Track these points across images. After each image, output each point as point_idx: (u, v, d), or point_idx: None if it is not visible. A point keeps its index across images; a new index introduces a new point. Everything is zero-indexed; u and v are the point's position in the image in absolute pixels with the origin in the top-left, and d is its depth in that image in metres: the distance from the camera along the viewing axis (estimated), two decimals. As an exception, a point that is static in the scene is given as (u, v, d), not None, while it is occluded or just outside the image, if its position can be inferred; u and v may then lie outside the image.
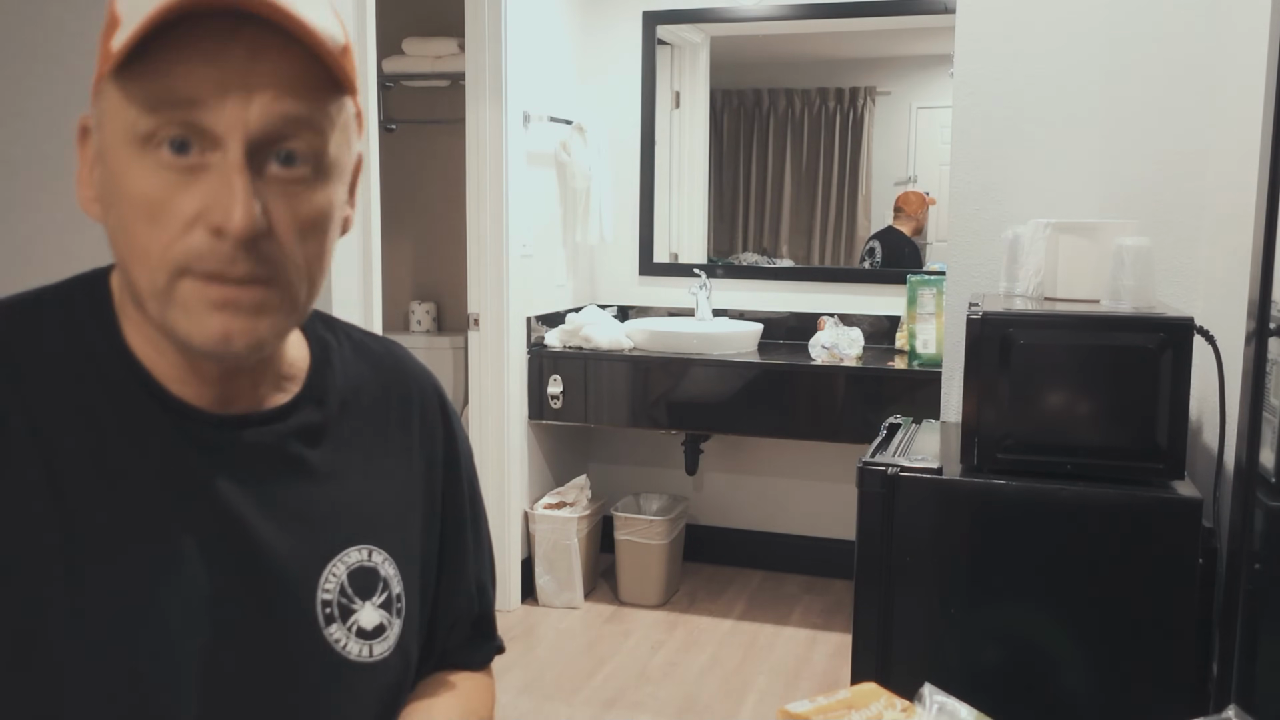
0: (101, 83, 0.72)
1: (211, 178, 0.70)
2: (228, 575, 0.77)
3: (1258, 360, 1.55)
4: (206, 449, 0.78)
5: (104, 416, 0.75)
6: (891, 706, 0.81)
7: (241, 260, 0.71)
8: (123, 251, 0.73)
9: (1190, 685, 1.75)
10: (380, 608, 0.85)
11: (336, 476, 0.85)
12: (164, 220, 0.70)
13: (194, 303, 0.71)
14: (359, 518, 0.86)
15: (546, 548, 3.65)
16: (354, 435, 0.88)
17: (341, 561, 0.83)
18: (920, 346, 3.40)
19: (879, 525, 1.86)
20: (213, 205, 0.69)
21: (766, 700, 3.02)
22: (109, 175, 0.72)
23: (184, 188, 0.70)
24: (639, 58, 3.98)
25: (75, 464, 0.73)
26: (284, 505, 0.81)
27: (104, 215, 0.75)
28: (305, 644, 0.80)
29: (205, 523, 0.77)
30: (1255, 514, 1.58)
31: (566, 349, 3.67)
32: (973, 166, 2.39)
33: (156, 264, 0.71)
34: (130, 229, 0.71)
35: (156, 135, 0.70)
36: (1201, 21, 2.21)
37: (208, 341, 0.72)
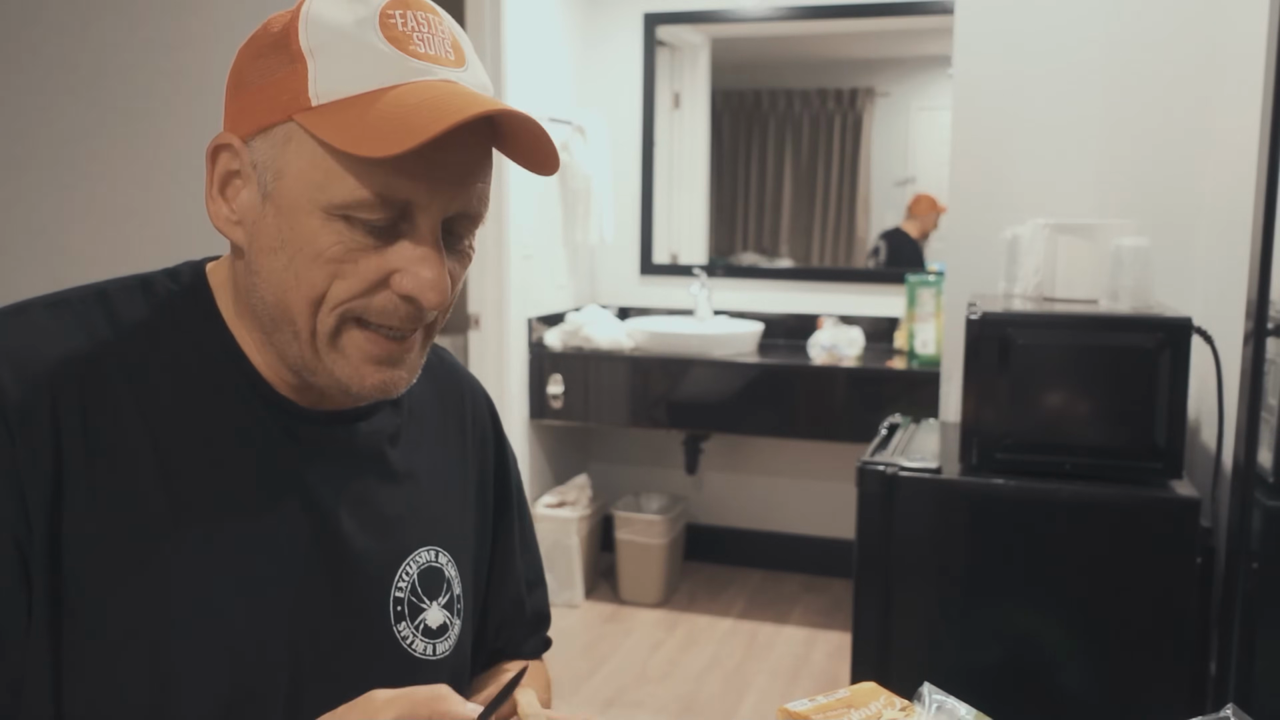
0: (285, 128, 0.72)
1: (405, 249, 0.73)
2: (314, 565, 0.79)
3: (1255, 360, 1.55)
4: (305, 443, 0.81)
5: (208, 405, 0.77)
6: (891, 705, 0.81)
7: (420, 319, 0.76)
8: (286, 289, 0.74)
9: (1188, 684, 1.75)
10: (444, 608, 0.88)
11: (410, 478, 0.88)
12: (349, 276, 0.73)
13: (357, 354, 0.75)
14: (428, 519, 0.89)
15: (547, 547, 3.66)
16: (421, 438, 0.91)
17: (414, 561, 0.86)
18: (919, 346, 3.41)
19: (878, 525, 1.86)
20: (408, 277, 0.73)
21: (766, 699, 3.03)
22: (282, 221, 0.73)
23: (373, 250, 0.73)
24: (639, 59, 3.98)
25: (182, 452, 0.75)
26: (367, 502, 0.84)
27: (250, 242, 0.75)
28: (377, 639, 0.83)
29: (296, 513, 0.79)
30: (1253, 513, 1.59)
31: (567, 349, 3.67)
32: (972, 167, 2.39)
33: (330, 310, 0.74)
34: (304, 275, 0.73)
35: (358, 214, 0.71)
36: (1200, 22, 2.21)
37: (366, 389, 0.77)
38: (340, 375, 0.76)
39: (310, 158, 0.71)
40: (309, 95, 0.71)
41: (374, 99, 0.70)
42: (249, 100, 0.74)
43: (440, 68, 0.73)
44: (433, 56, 0.73)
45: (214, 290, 0.81)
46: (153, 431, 0.75)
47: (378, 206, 0.71)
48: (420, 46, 0.72)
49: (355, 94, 0.70)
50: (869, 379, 3.48)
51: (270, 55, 0.73)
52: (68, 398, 0.72)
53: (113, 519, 0.72)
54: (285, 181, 0.72)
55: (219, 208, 0.76)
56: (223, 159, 0.76)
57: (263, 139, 0.73)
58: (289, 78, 0.71)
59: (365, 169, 0.70)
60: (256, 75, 0.74)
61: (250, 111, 0.74)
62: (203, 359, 0.78)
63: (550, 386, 3.65)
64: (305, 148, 0.71)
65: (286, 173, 0.72)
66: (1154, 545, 1.75)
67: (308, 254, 0.72)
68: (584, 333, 3.65)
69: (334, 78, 0.71)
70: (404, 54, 0.71)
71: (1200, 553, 1.73)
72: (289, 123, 0.72)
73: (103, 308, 0.78)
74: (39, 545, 0.70)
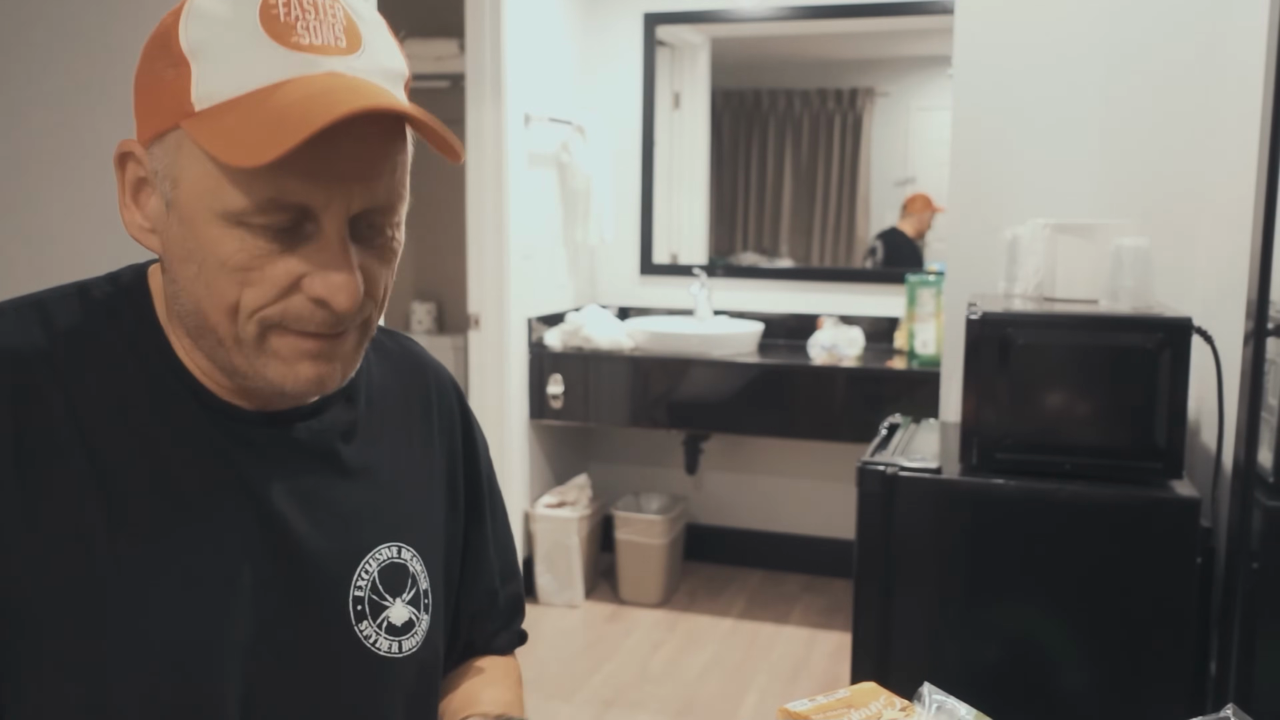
0: (175, 134, 0.70)
1: (311, 250, 0.70)
2: (267, 569, 0.78)
3: (1256, 360, 1.55)
4: (246, 445, 0.79)
5: (146, 411, 0.76)
6: (891, 705, 0.81)
7: (341, 321, 0.73)
8: (200, 298, 0.72)
9: (1188, 684, 1.75)
10: (409, 604, 0.86)
11: (368, 473, 0.86)
12: (258, 283, 0.70)
13: (289, 354, 0.73)
14: (389, 515, 0.87)
15: (547, 547, 3.66)
16: (380, 432, 0.89)
17: (373, 559, 0.84)
18: (919, 346, 3.41)
19: (878, 525, 1.86)
20: (315, 278, 0.70)
21: (766, 700, 3.03)
22: (185, 230, 0.71)
23: (279, 255, 0.70)
24: (639, 59, 3.98)
25: (118, 455, 0.74)
26: (320, 502, 0.82)
27: (164, 251, 0.74)
28: (337, 640, 0.81)
29: (245, 517, 0.78)
30: (1253, 513, 1.59)
31: (567, 349, 3.67)
32: (972, 167, 2.39)
33: (247, 318, 0.71)
34: (213, 285, 0.70)
35: (255, 220, 0.69)
36: (1200, 22, 2.21)
37: (300, 386, 0.74)
38: (272, 377, 0.73)
39: (200, 165, 0.68)
40: (191, 100, 0.68)
41: (255, 100, 0.67)
42: (143, 104, 0.72)
43: (326, 58, 0.69)
44: (319, 47, 0.69)
45: (154, 294, 0.79)
46: (86, 437, 0.73)
47: (273, 211, 0.68)
48: (304, 36, 0.68)
49: (236, 95, 0.67)
50: (869, 379, 3.48)
51: (158, 56, 0.70)
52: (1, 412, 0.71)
53: (44, 527, 0.71)
54: (181, 190, 0.70)
55: (133, 215, 0.74)
56: (130, 167, 0.74)
57: (159, 146, 0.71)
58: (173, 81, 0.69)
59: (252, 175, 0.67)
60: (147, 78, 0.71)
61: (146, 116, 0.72)
62: (137, 363, 0.77)
63: (550, 386, 3.65)
64: (194, 155, 0.69)
65: (182, 181, 0.70)
66: (1154, 545, 1.75)
67: (213, 263, 0.70)
68: (584, 333, 3.65)
69: (214, 79, 0.67)
70: (285, 47, 0.67)
71: (1200, 553, 1.73)
72: (178, 129, 0.69)
73: (38, 315, 0.76)
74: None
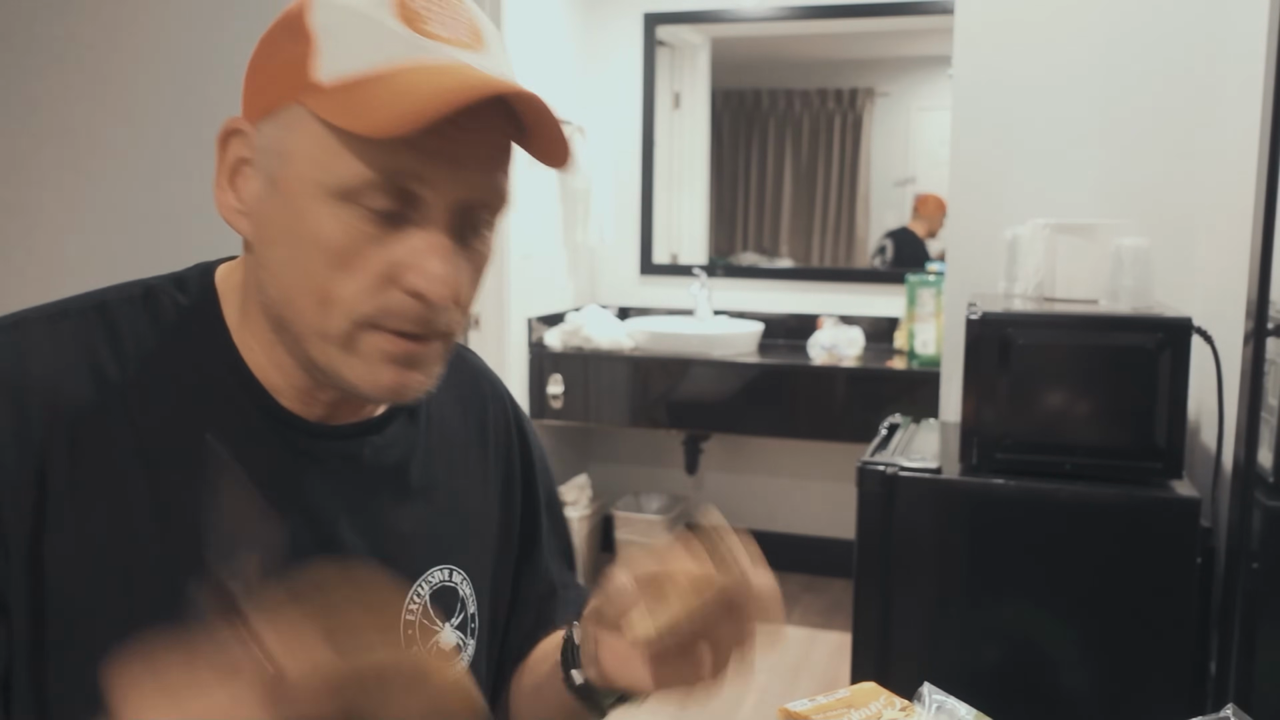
0: (291, 110, 0.69)
1: (413, 240, 0.69)
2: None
3: (1255, 360, 1.55)
4: (311, 460, 0.77)
5: (207, 420, 0.73)
6: (891, 705, 0.81)
7: (433, 321, 0.71)
8: (290, 285, 0.70)
9: (1188, 684, 1.75)
10: (457, 628, 0.84)
11: (425, 494, 0.84)
12: (355, 271, 0.68)
13: (375, 355, 0.70)
14: (443, 536, 0.85)
15: (547, 547, 3.65)
16: (438, 450, 0.87)
17: (425, 582, 0.82)
18: (919, 346, 3.41)
19: (879, 525, 1.86)
20: (415, 269, 0.68)
21: (766, 700, 3.03)
22: (287, 210, 0.69)
23: (379, 241, 0.68)
24: (639, 59, 3.98)
25: (178, 472, 0.72)
26: (378, 522, 0.80)
27: (257, 234, 0.72)
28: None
29: (303, 539, 0.75)
30: (1253, 513, 1.59)
31: (567, 349, 3.67)
32: (972, 167, 2.39)
33: (341, 310, 0.69)
34: (309, 269, 0.69)
35: (364, 199, 0.68)
36: (1200, 22, 2.21)
37: (379, 391, 0.72)
38: (351, 378, 0.71)
39: (315, 139, 0.68)
40: (315, 75, 0.67)
41: (381, 78, 0.66)
42: (258, 82, 0.71)
43: (455, 49, 0.69)
44: (448, 39, 0.69)
45: (222, 297, 0.77)
46: (146, 457, 0.71)
47: (385, 189, 0.67)
48: (435, 27, 0.69)
49: (363, 73, 0.67)
50: (869, 379, 3.48)
51: (281, 35, 0.70)
52: (59, 424, 0.69)
53: (101, 548, 0.69)
54: (290, 166, 0.69)
55: (226, 197, 0.73)
56: (234, 145, 0.72)
57: (269, 122, 0.70)
58: (296, 57, 0.68)
59: (373, 148, 0.66)
60: (265, 56, 0.72)
61: (259, 94, 0.71)
62: (204, 378, 0.75)
63: (550, 386, 3.65)
64: (310, 129, 0.68)
65: (292, 156, 0.69)
66: (1154, 545, 1.74)
67: (311, 243, 0.68)
68: (584, 333, 3.65)
69: (341, 57, 0.67)
70: (416, 33, 0.68)
71: (1200, 553, 1.73)
72: (295, 105, 0.68)
73: (102, 322, 0.74)
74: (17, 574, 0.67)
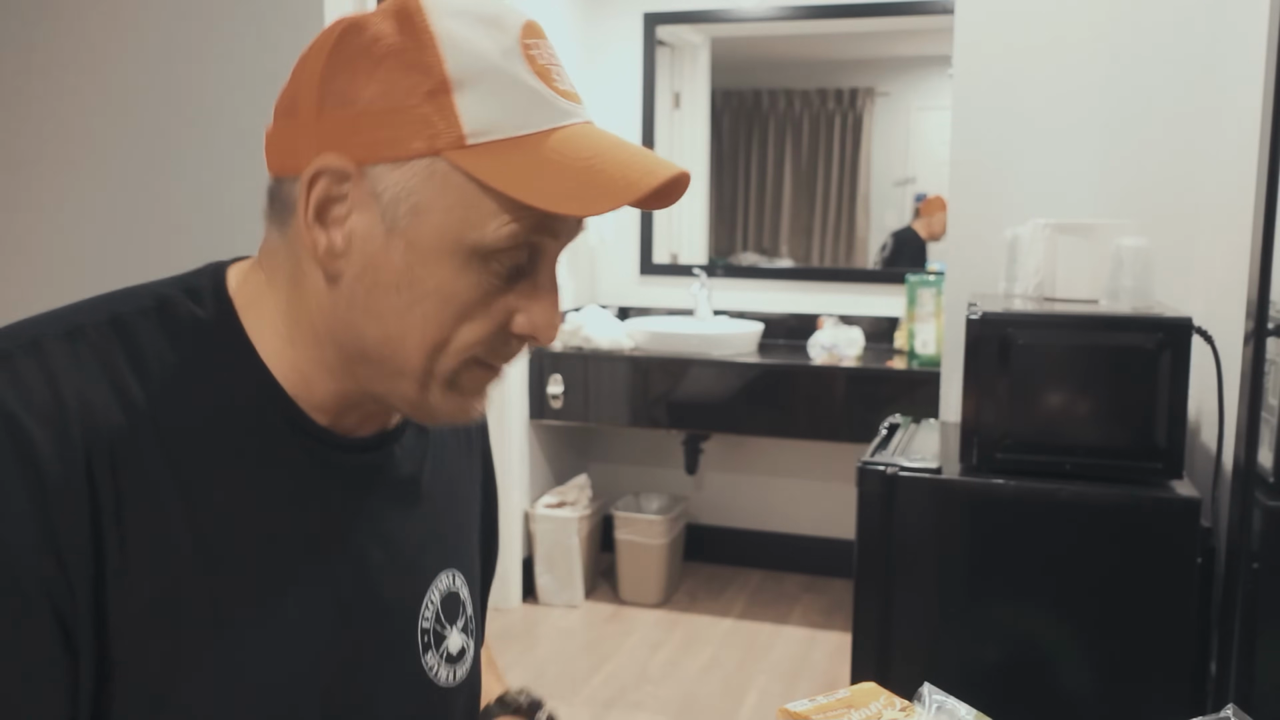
0: (428, 163, 0.67)
1: (527, 289, 0.72)
2: (348, 605, 0.76)
3: (1256, 360, 1.55)
4: (336, 474, 0.77)
5: (242, 453, 0.73)
6: (891, 706, 0.81)
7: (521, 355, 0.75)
8: (403, 330, 0.70)
9: (1188, 684, 1.75)
10: (462, 631, 0.86)
11: (432, 499, 0.85)
12: (478, 319, 0.71)
13: (473, 388, 0.74)
14: (446, 541, 0.87)
15: (547, 547, 3.66)
16: (439, 458, 0.88)
17: (436, 588, 0.84)
18: (919, 346, 3.41)
19: (879, 525, 1.86)
20: (532, 316, 0.72)
21: (766, 700, 3.03)
22: (415, 260, 0.69)
23: (500, 293, 0.71)
24: (639, 58, 3.98)
25: (215, 502, 0.71)
26: (397, 532, 0.81)
27: (359, 278, 0.70)
28: (408, 675, 0.80)
29: (330, 553, 0.76)
30: (1253, 513, 1.59)
31: (567, 349, 3.67)
32: (972, 166, 2.39)
33: (456, 353, 0.71)
34: (432, 318, 0.70)
35: (501, 257, 0.69)
36: (1200, 22, 2.21)
37: (458, 417, 0.75)
38: (443, 409, 0.74)
39: (458, 194, 0.67)
40: (463, 132, 0.66)
41: (535, 143, 0.67)
42: (368, 122, 0.67)
43: (578, 106, 0.70)
44: (571, 94, 0.70)
45: (240, 311, 0.75)
46: (184, 484, 0.70)
47: (523, 249, 0.69)
48: (560, 82, 0.70)
49: (514, 135, 0.67)
50: (869, 379, 3.48)
51: (398, 75, 0.67)
52: (100, 455, 0.67)
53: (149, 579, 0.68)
54: (423, 218, 0.67)
55: (318, 237, 0.70)
56: (322, 184, 0.69)
57: (393, 169, 0.67)
58: (435, 108, 0.66)
59: (524, 212, 0.67)
60: (378, 95, 0.67)
61: (371, 135, 0.67)
62: (231, 395, 0.73)
63: (550, 386, 3.65)
64: (454, 184, 0.67)
65: (427, 210, 0.67)
66: (1154, 545, 1.74)
67: (440, 297, 0.69)
68: (584, 333, 3.65)
69: (487, 114, 0.66)
70: (550, 89, 0.68)
71: (1200, 553, 1.73)
72: (435, 157, 0.66)
73: (120, 341, 0.71)
74: (84, 617, 0.66)
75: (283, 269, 0.74)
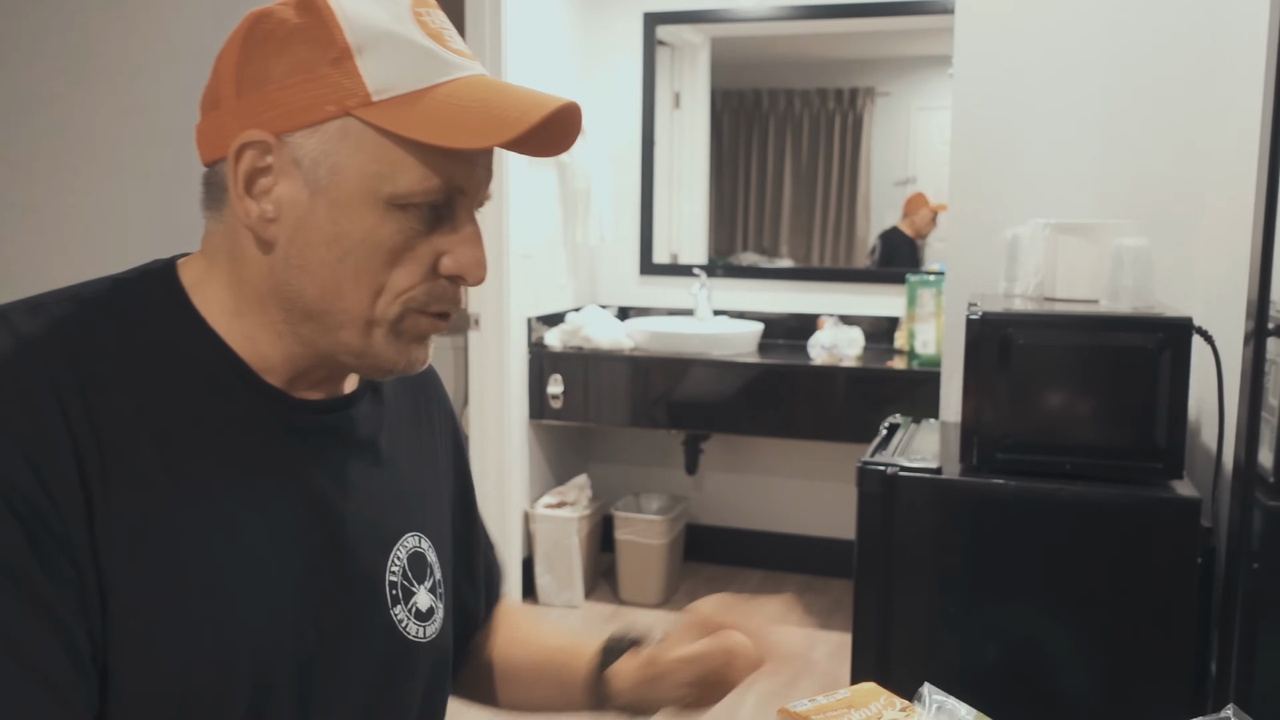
0: (340, 124, 0.73)
1: (447, 232, 0.77)
2: (315, 552, 0.81)
3: (1256, 360, 1.55)
4: (296, 431, 0.82)
5: (201, 400, 0.78)
6: (891, 706, 0.81)
7: (459, 300, 0.80)
8: (338, 282, 0.76)
9: (1188, 684, 1.75)
10: (430, 591, 0.90)
11: (394, 463, 0.90)
12: (408, 264, 0.76)
13: (418, 333, 0.79)
14: (412, 504, 0.91)
15: (547, 547, 3.66)
16: (400, 425, 0.92)
17: (402, 546, 0.88)
18: (920, 346, 3.40)
19: (879, 525, 1.86)
20: (458, 258, 0.77)
21: (766, 700, 3.02)
22: (340, 215, 0.74)
23: (426, 236, 0.76)
24: (639, 58, 3.98)
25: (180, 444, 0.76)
26: (361, 487, 0.85)
27: (291, 239, 0.76)
28: (376, 623, 0.85)
29: (297, 503, 0.81)
30: (1254, 513, 1.59)
31: (567, 349, 3.67)
32: (972, 166, 2.39)
33: (392, 299, 0.77)
34: (364, 267, 0.75)
35: (418, 203, 0.75)
36: (1201, 22, 2.21)
37: (409, 366, 0.80)
38: (389, 355, 0.78)
39: (371, 149, 0.73)
40: (368, 91, 0.73)
41: (433, 94, 0.73)
42: (282, 96, 0.74)
43: (471, 63, 0.77)
44: (463, 53, 0.77)
45: (188, 289, 0.80)
46: (152, 427, 0.75)
47: (438, 193, 0.75)
48: (452, 42, 0.76)
49: (413, 89, 0.73)
50: (869, 379, 3.48)
51: (299, 48, 0.73)
52: (75, 409, 0.72)
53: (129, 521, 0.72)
54: (341, 176, 0.74)
55: (249, 207, 0.76)
56: (248, 157, 0.75)
57: (309, 134, 0.74)
58: (340, 74, 0.73)
59: (435, 159, 0.74)
60: (289, 71, 0.74)
61: (286, 107, 0.74)
62: (188, 357, 0.78)
63: (550, 386, 3.65)
64: (366, 140, 0.73)
65: (343, 167, 0.74)
66: (1154, 546, 1.74)
67: (368, 246, 0.75)
68: (584, 333, 3.65)
69: (388, 73, 0.73)
70: (443, 48, 0.75)
71: (1201, 553, 1.73)
72: (345, 118, 0.73)
73: (80, 311, 0.77)
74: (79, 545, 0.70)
75: (222, 248, 0.80)
